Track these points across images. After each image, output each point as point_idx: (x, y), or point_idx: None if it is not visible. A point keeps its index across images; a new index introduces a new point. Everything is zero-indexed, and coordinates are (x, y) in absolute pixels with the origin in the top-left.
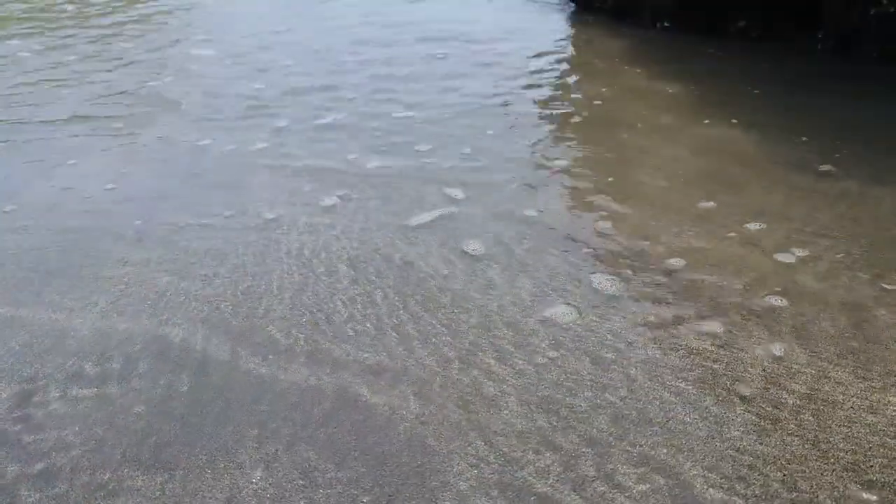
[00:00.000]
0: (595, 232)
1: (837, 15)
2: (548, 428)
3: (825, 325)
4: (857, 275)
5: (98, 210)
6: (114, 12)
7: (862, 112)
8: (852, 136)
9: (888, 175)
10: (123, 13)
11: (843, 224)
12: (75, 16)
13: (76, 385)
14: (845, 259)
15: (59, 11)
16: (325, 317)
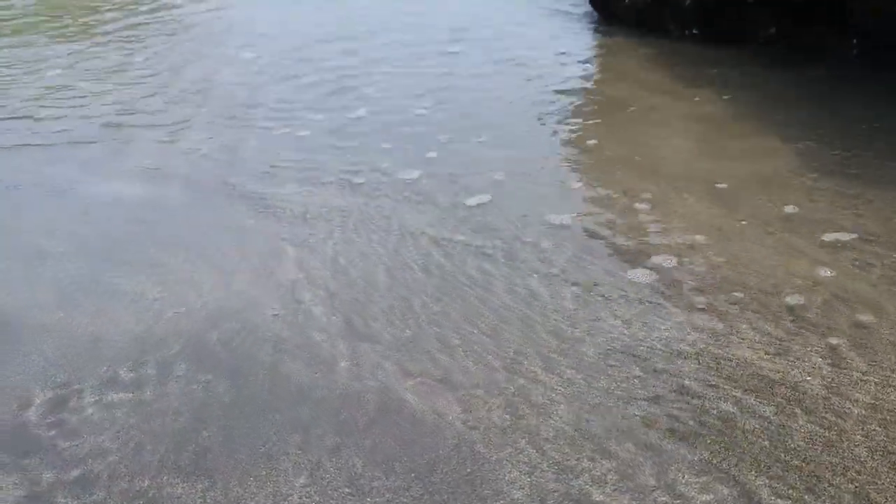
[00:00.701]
0: (636, 237)
1: (868, 22)
2: (601, 435)
3: (884, 333)
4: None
5: (135, 217)
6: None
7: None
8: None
9: None
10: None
11: (891, 230)
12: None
13: (112, 390)
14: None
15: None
16: (364, 322)
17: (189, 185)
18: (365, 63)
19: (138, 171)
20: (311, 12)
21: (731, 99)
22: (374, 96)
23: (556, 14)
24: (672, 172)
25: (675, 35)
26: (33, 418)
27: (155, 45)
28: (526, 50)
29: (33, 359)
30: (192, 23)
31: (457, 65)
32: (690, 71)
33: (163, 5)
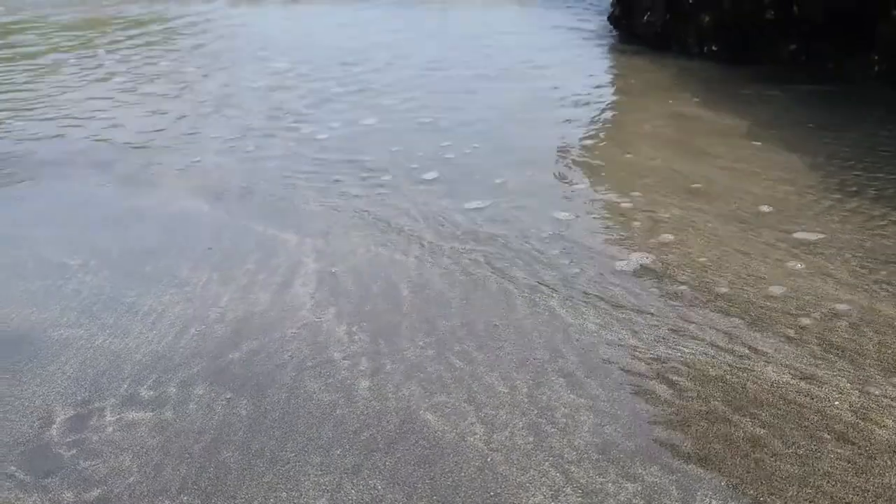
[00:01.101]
0: (654, 259)
1: (891, 39)
2: (626, 458)
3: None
4: None
5: (158, 231)
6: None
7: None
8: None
9: None
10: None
11: None
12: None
13: (132, 409)
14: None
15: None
16: (385, 341)
17: (213, 198)
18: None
19: (161, 185)
20: (340, 41)
21: (750, 119)
22: (393, 106)
23: (574, 31)
24: (695, 191)
25: (695, 52)
26: (55, 437)
27: (181, 58)
28: (546, 68)
29: (54, 376)
30: (222, 34)
31: (477, 85)
32: (710, 90)
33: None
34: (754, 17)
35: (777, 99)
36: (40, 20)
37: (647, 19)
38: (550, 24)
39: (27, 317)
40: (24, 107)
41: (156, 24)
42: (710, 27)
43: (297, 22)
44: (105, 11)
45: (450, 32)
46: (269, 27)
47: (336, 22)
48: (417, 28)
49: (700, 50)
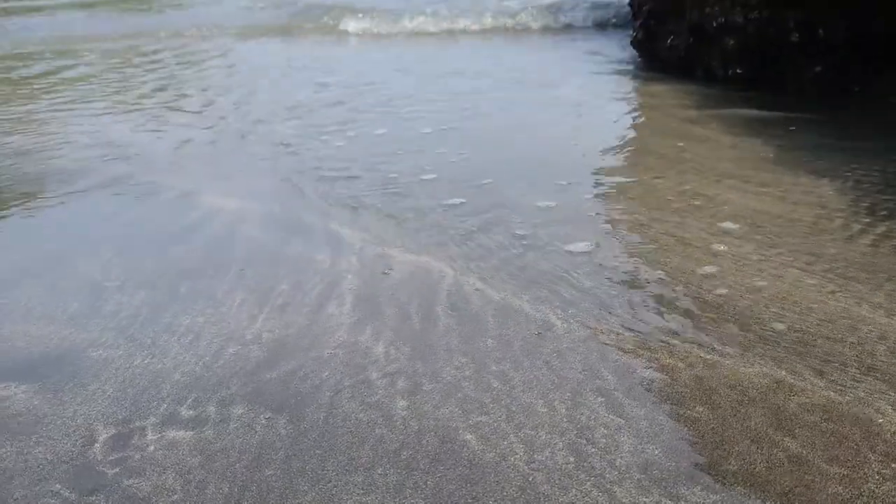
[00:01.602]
0: (688, 290)
1: None
2: (668, 478)
3: None
4: None
5: (197, 249)
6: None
7: None
8: None
9: None
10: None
11: None
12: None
13: (173, 428)
14: None
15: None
16: (423, 360)
17: (253, 217)
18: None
19: (202, 204)
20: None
21: (776, 145)
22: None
23: (595, 56)
24: (727, 216)
25: (719, 75)
26: (97, 455)
27: (217, 78)
28: (565, 91)
29: (95, 395)
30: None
31: (500, 108)
32: (735, 117)
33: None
34: (779, 39)
35: (803, 122)
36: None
37: (670, 43)
38: (572, 51)
39: (66, 337)
40: (55, 130)
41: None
42: (734, 50)
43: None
44: (125, 43)
45: (461, 62)
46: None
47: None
48: (434, 61)
49: (724, 73)
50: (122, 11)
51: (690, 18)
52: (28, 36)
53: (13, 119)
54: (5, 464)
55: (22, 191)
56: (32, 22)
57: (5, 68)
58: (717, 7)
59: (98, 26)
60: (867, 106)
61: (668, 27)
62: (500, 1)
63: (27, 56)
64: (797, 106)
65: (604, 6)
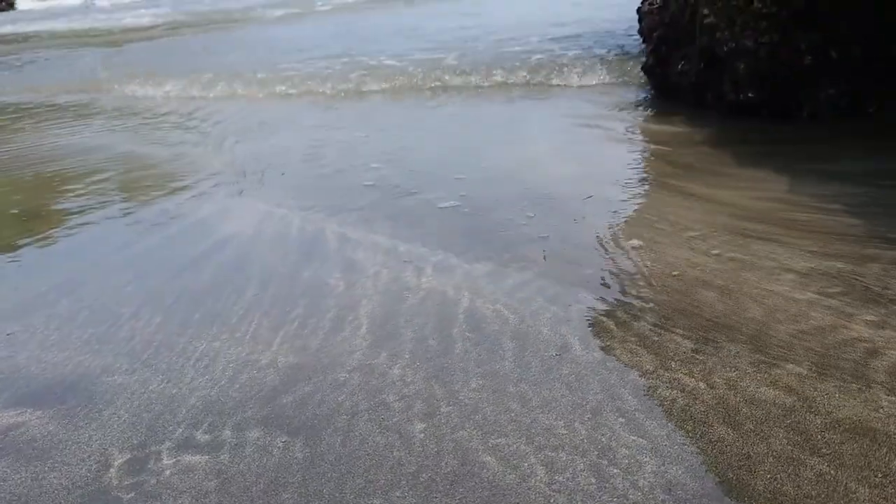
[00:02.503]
0: (712, 307)
1: None
2: (692, 499)
3: None
4: None
5: (214, 273)
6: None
7: None
8: None
9: None
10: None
11: None
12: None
13: (188, 452)
14: None
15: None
16: (441, 382)
17: (259, 242)
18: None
19: (219, 228)
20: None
21: (787, 177)
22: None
23: (609, 82)
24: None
25: (731, 99)
26: (113, 480)
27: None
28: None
29: (110, 420)
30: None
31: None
32: (745, 148)
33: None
34: (791, 62)
35: (820, 152)
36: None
37: (681, 68)
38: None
39: (81, 362)
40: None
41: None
42: (745, 74)
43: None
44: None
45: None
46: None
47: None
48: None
49: (736, 97)
50: None
51: (701, 43)
52: None
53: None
54: (21, 489)
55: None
56: None
57: None
58: (727, 32)
59: None
60: (883, 127)
61: (679, 53)
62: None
63: None
64: (812, 133)
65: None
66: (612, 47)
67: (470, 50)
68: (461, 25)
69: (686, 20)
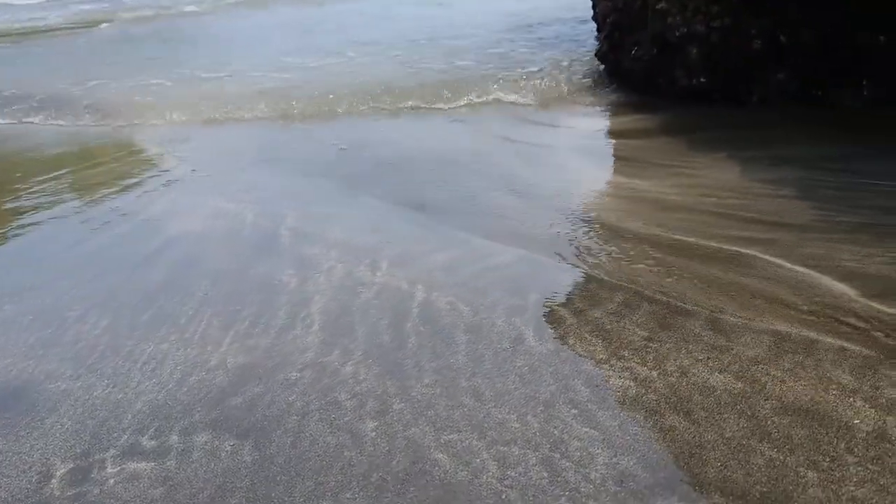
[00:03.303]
0: (661, 293)
1: (884, 62)
2: (644, 490)
3: None
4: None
5: (164, 273)
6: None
7: None
8: None
9: None
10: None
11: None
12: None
13: (133, 460)
14: None
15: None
16: (393, 379)
17: (211, 240)
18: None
19: (171, 227)
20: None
21: (733, 163)
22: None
23: (562, 66)
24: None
25: (683, 84)
26: (54, 491)
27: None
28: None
29: (53, 429)
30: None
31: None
32: (702, 134)
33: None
34: (742, 47)
35: (769, 137)
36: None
37: (634, 54)
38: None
39: (24, 369)
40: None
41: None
42: (697, 60)
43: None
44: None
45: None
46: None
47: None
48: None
49: (688, 83)
50: None
51: (653, 29)
52: None
53: None
54: None
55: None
56: None
57: None
58: (679, 17)
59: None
60: (831, 111)
61: (632, 38)
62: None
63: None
64: (762, 116)
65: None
66: (562, 35)
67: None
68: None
69: (639, 6)
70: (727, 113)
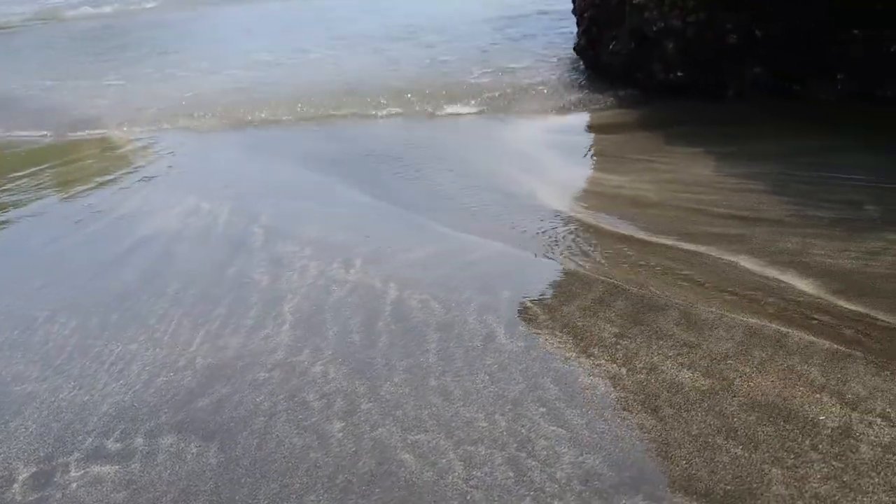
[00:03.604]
0: (633, 286)
1: (857, 56)
2: (608, 489)
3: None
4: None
5: (135, 274)
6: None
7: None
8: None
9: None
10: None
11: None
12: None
13: (98, 463)
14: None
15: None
16: (362, 379)
17: (183, 239)
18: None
19: (144, 226)
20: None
21: (713, 155)
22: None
23: (542, 61)
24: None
25: (661, 78)
26: (16, 496)
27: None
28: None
29: (17, 432)
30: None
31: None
32: (679, 127)
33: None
34: (717, 42)
35: (744, 131)
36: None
37: (612, 48)
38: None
39: None
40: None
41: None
42: (674, 54)
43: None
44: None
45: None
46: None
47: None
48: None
49: (666, 77)
50: None
51: (631, 24)
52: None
53: None
54: None
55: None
56: None
57: None
58: (656, 11)
59: None
60: (807, 104)
61: (610, 33)
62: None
63: None
64: (739, 110)
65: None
66: (543, 29)
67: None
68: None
69: (616, 1)
70: (704, 107)
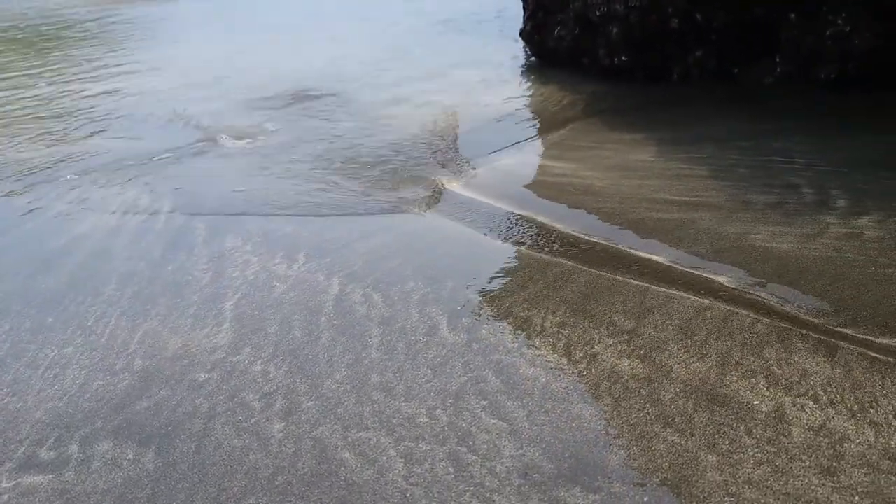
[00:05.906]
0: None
1: (795, 39)
2: (547, 482)
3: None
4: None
5: (73, 270)
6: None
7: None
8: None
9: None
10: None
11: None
12: None
13: (30, 473)
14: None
15: None
16: (303, 377)
17: (120, 235)
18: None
19: (83, 220)
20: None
21: (653, 140)
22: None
23: (489, 46)
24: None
25: (606, 63)
26: None
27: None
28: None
29: None
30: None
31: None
32: (620, 109)
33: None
34: (660, 26)
35: (687, 115)
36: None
37: (557, 34)
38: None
39: None
40: None
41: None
42: (618, 38)
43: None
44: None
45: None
46: None
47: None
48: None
49: (611, 61)
50: None
51: (575, 9)
52: None
53: None
54: None
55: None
56: None
57: None
58: None
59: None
60: (746, 87)
61: (556, 18)
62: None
63: None
64: (681, 94)
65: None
66: (490, 16)
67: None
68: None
69: None
70: (648, 91)
